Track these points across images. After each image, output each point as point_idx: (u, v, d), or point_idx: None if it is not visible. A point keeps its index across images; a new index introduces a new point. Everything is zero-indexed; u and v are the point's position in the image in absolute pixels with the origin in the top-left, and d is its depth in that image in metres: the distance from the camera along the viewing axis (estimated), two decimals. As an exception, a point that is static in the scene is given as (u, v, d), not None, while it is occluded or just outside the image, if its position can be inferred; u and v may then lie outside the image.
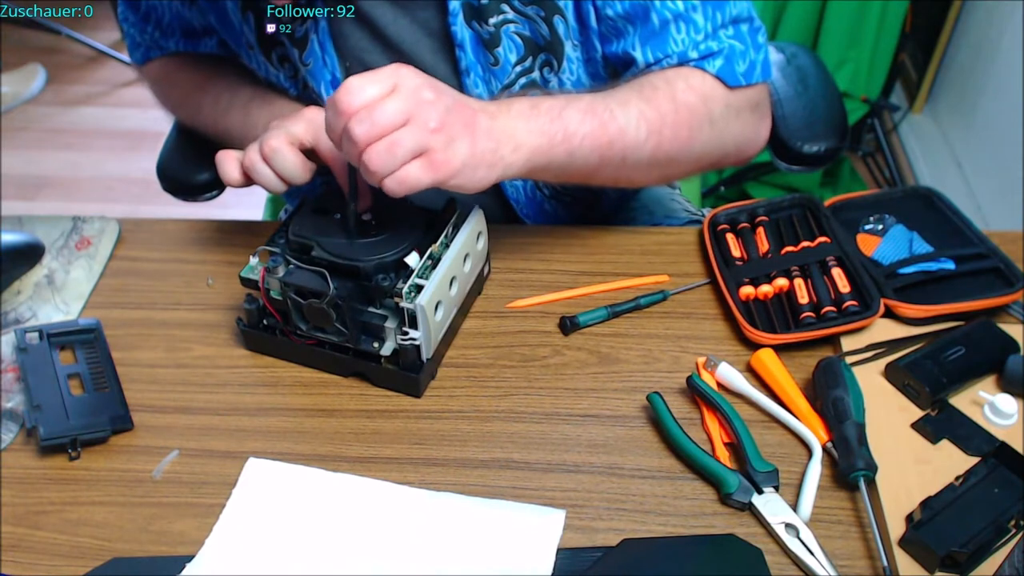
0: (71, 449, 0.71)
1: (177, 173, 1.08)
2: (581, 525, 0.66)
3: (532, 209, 0.97)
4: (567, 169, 0.78)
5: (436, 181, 0.68)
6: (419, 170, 0.67)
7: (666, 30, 0.81)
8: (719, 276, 0.82)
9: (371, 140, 0.65)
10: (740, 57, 0.82)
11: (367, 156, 0.66)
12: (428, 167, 0.67)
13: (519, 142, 0.72)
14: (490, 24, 0.82)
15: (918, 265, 0.81)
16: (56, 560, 0.65)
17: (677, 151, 0.81)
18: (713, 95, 0.82)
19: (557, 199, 0.99)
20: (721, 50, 0.81)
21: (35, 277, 0.87)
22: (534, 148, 0.73)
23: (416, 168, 0.67)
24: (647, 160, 0.80)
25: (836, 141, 1.03)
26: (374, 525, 0.65)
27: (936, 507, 0.62)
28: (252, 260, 0.77)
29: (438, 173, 0.68)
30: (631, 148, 0.78)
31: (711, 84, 0.81)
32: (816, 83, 1.09)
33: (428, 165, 0.67)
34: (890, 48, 2.06)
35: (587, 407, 0.74)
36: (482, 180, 0.71)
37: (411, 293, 0.71)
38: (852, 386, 0.70)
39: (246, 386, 0.77)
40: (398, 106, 0.66)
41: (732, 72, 0.82)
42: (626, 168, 0.81)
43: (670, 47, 0.81)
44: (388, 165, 0.66)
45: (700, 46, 0.81)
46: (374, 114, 0.65)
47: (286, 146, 0.76)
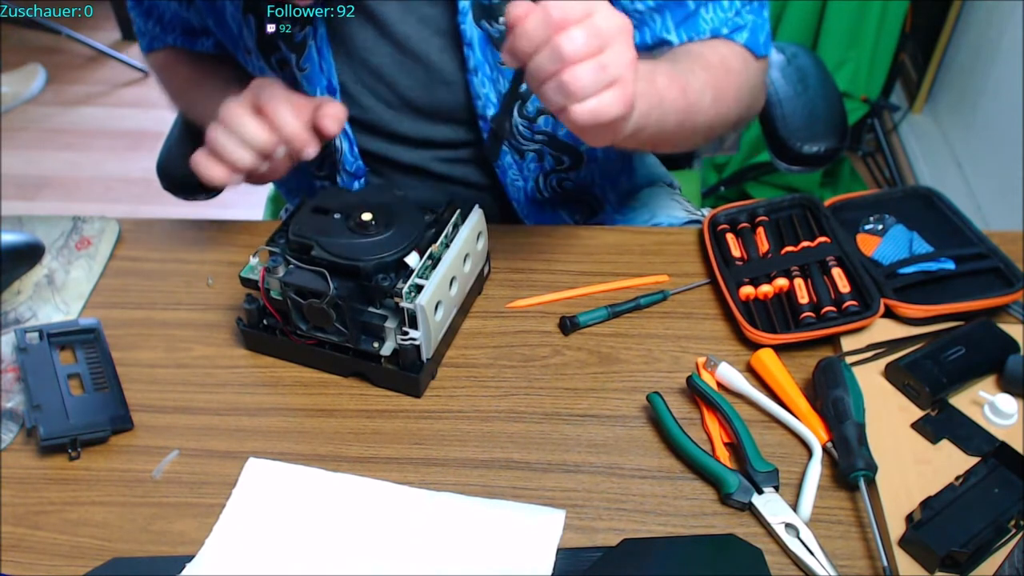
0: (71, 449, 0.71)
1: (177, 172, 1.08)
2: (581, 525, 0.66)
3: (532, 210, 0.97)
4: (654, 132, 0.75)
5: (622, 115, 0.64)
6: (613, 100, 0.62)
7: (697, 12, 0.84)
8: (719, 276, 0.82)
9: (579, 58, 0.60)
10: (760, 29, 0.87)
11: (571, 75, 0.60)
12: (621, 98, 0.63)
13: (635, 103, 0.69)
14: (500, 23, 0.82)
15: (918, 265, 0.81)
16: (56, 560, 0.65)
17: (729, 114, 0.85)
18: (748, 64, 0.86)
19: (558, 201, 0.99)
20: (746, 24, 0.85)
21: (35, 277, 0.87)
22: (641, 112, 0.70)
23: (610, 97, 0.62)
24: (708, 124, 0.82)
25: (836, 141, 1.03)
26: (374, 525, 0.65)
27: (936, 507, 0.62)
28: (252, 260, 0.77)
29: (627, 107, 0.64)
30: (700, 113, 0.80)
31: (745, 54, 0.86)
32: (816, 83, 1.09)
33: (622, 96, 0.63)
34: (890, 48, 2.06)
35: (587, 407, 0.74)
36: (621, 135, 0.68)
37: (411, 293, 0.71)
38: (852, 386, 0.70)
39: (246, 386, 0.77)
40: (607, 24, 0.61)
41: (757, 43, 0.86)
42: (691, 131, 0.81)
43: (701, 26, 0.84)
44: (590, 87, 0.61)
45: (730, 22, 0.85)
46: (586, 29, 0.60)
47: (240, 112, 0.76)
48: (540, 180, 0.96)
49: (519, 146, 0.91)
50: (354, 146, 0.93)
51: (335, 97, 0.89)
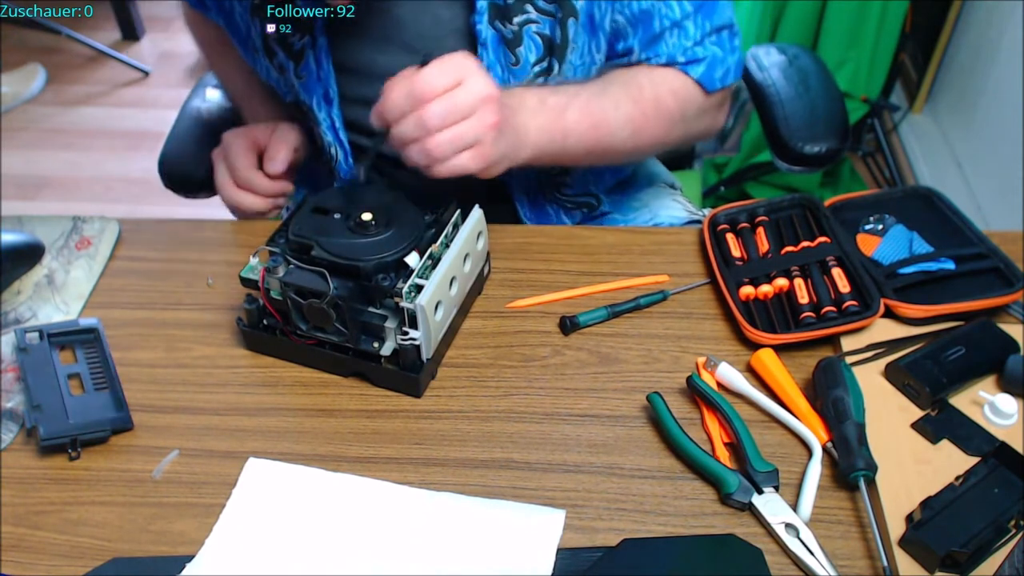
0: (71, 449, 0.71)
1: (178, 169, 1.08)
2: (581, 525, 0.66)
3: (534, 211, 0.98)
4: (559, 160, 0.86)
5: (478, 170, 0.74)
6: (469, 159, 0.73)
7: (662, 35, 0.87)
8: (719, 276, 0.82)
9: (439, 129, 0.70)
10: (719, 64, 0.89)
11: (431, 143, 0.71)
12: (477, 158, 0.73)
13: (528, 140, 0.80)
14: (514, 23, 0.83)
15: (918, 265, 0.81)
16: (56, 560, 0.65)
17: (650, 145, 0.92)
18: (691, 99, 0.90)
19: (559, 204, 0.99)
20: (705, 57, 0.88)
21: (35, 277, 0.87)
22: (538, 145, 0.81)
23: (467, 158, 0.73)
24: (627, 152, 0.90)
25: (837, 142, 1.03)
26: (374, 525, 0.65)
27: (936, 507, 0.62)
28: (252, 260, 0.77)
29: (483, 163, 0.74)
30: (616, 144, 0.87)
31: (691, 89, 0.90)
32: (817, 84, 1.09)
33: (478, 156, 0.73)
34: (890, 48, 2.06)
35: (587, 407, 0.74)
36: (501, 170, 0.78)
37: (411, 293, 0.71)
38: (852, 386, 0.70)
39: (246, 386, 0.77)
40: (468, 100, 0.71)
41: (711, 78, 0.89)
42: (606, 157, 0.91)
43: (662, 49, 0.87)
44: (446, 154, 0.72)
45: (688, 51, 0.87)
46: (446, 106, 0.70)
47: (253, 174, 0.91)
48: (541, 181, 0.97)
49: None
50: (349, 156, 0.94)
51: (332, 106, 0.91)
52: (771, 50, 1.16)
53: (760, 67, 1.13)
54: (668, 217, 1.03)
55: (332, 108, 0.91)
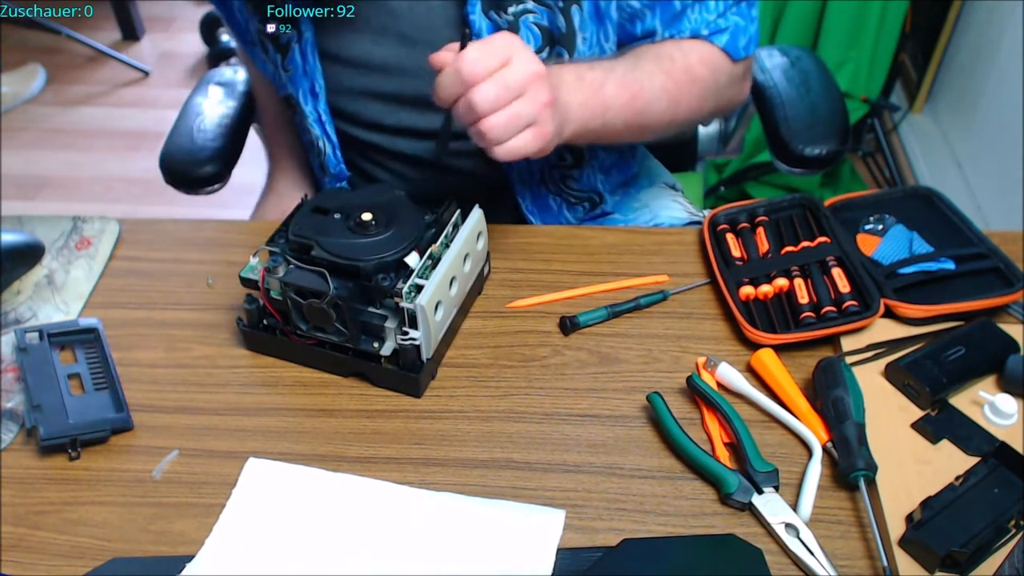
0: (71, 449, 0.71)
1: (180, 166, 1.09)
2: (581, 525, 0.66)
3: (537, 204, 0.98)
4: (600, 135, 0.84)
5: (538, 151, 0.74)
6: (528, 140, 0.72)
7: (684, 12, 0.87)
8: (719, 276, 0.82)
9: (491, 110, 0.69)
10: (742, 32, 0.90)
11: (487, 125, 0.70)
12: (536, 138, 0.72)
13: (571, 116, 0.79)
14: (509, 13, 0.83)
15: (918, 265, 0.81)
16: (56, 560, 0.65)
17: (687, 115, 0.90)
18: (720, 67, 0.90)
19: (563, 197, 0.99)
20: (728, 27, 0.88)
21: (35, 277, 0.87)
22: (580, 122, 0.80)
23: (526, 138, 0.72)
24: (664, 125, 0.89)
25: (837, 144, 1.04)
26: (374, 525, 0.65)
27: (936, 507, 0.62)
28: (252, 260, 0.77)
29: (543, 144, 0.73)
30: (653, 116, 0.86)
31: (719, 57, 0.90)
32: (819, 86, 1.09)
33: (536, 136, 0.72)
34: (890, 48, 2.06)
35: (587, 407, 0.74)
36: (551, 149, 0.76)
37: (411, 293, 0.71)
38: (852, 386, 0.70)
39: (246, 386, 0.77)
40: (517, 77, 0.70)
41: (736, 47, 0.90)
42: (645, 132, 0.89)
43: (685, 25, 0.88)
44: (504, 135, 0.71)
45: (711, 24, 0.88)
46: (496, 86, 0.69)
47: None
48: (546, 174, 0.97)
49: None
50: (337, 150, 0.94)
51: (319, 100, 0.91)
52: (773, 52, 1.16)
53: (762, 68, 1.13)
54: (668, 217, 1.03)
55: (319, 102, 0.91)
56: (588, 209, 1.03)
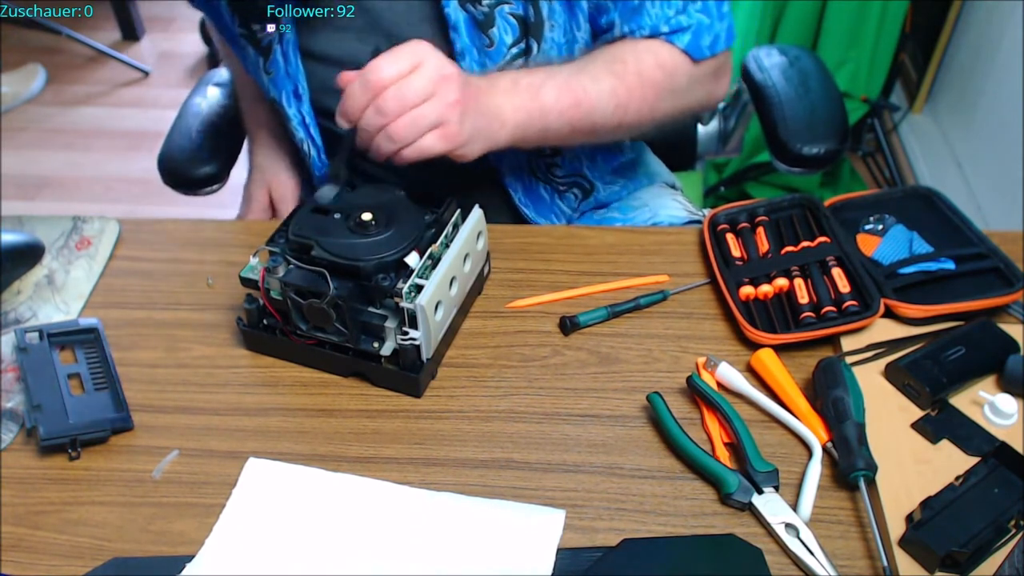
0: (71, 449, 0.71)
1: (178, 166, 1.08)
2: (581, 525, 0.66)
3: (528, 195, 0.97)
4: (543, 139, 0.86)
5: (447, 151, 0.75)
6: (435, 140, 0.74)
7: (643, 6, 0.85)
8: (719, 276, 0.82)
9: (399, 114, 0.71)
10: (707, 31, 0.87)
11: (393, 128, 0.72)
12: (443, 138, 0.74)
13: (504, 119, 0.79)
14: (484, 5, 0.83)
15: (918, 265, 0.81)
16: (56, 560, 0.65)
17: (640, 119, 0.89)
18: (678, 69, 0.88)
19: (552, 186, 0.99)
20: (690, 25, 0.86)
21: (35, 277, 0.87)
22: (516, 124, 0.81)
23: (432, 138, 0.74)
24: (613, 127, 0.88)
25: (836, 143, 1.03)
26: (374, 525, 0.65)
27: (936, 507, 0.62)
28: (252, 260, 0.77)
29: (451, 144, 0.75)
30: (600, 120, 0.86)
31: (678, 58, 0.87)
32: (818, 86, 1.09)
33: (443, 136, 0.74)
34: (890, 48, 2.06)
35: (587, 407, 0.74)
36: (477, 152, 0.78)
37: (411, 293, 0.71)
38: (852, 386, 0.70)
39: (246, 386, 0.77)
40: (423, 83, 0.72)
41: (698, 46, 0.87)
42: (594, 135, 0.89)
43: (644, 21, 0.86)
44: (410, 136, 0.73)
45: (671, 21, 0.86)
46: (402, 90, 0.71)
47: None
48: (532, 163, 0.97)
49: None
50: (322, 153, 0.94)
51: (302, 102, 0.91)
52: (772, 51, 1.16)
53: (760, 68, 1.13)
54: (668, 216, 1.03)
55: (302, 104, 0.91)
56: (580, 198, 1.02)
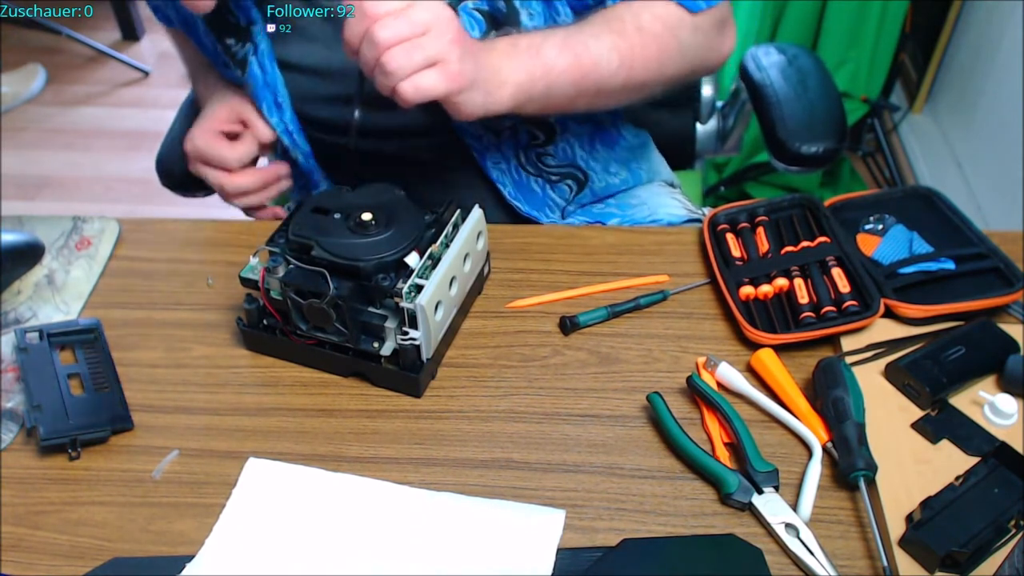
0: (71, 449, 0.71)
1: (175, 168, 1.08)
2: (581, 525, 0.66)
3: (520, 192, 0.97)
4: (547, 101, 0.82)
5: (448, 91, 0.72)
6: (435, 77, 0.71)
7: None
8: (719, 276, 0.82)
9: (393, 43, 0.69)
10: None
11: (387, 57, 0.69)
12: (443, 75, 0.71)
13: (504, 79, 0.77)
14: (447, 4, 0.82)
15: (918, 265, 0.81)
16: (56, 560, 0.65)
17: (647, 77, 0.87)
18: (679, 22, 0.87)
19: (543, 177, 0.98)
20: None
21: (35, 277, 0.87)
22: (518, 84, 0.78)
23: (432, 75, 0.71)
24: (620, 87, 0.86)
25: (834, 142, 1.03)
26: (374, 525, 0.65)
27: (936, 507, 0.62)
28: (252, 260, 0.77)
29: (451, 83, 0.72)
30: (605, 78, 0.83)
31: (675, 11, 0.86)
32: (816, 84, 1.09)
33: (443, 74, 0.71)
34: (890, 48, 2.06)
35: (587, 407, 0.74)
36: (479, 106, 0.76)
37: (411, 293, 0.71)
38: (852, 386, 0.70)
39: (246, 386, 0.77)
40: (421, 15, 0.70)
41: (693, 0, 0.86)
42: (601, 96, 0.86)
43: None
44: (406, 67, 0.70)
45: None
46: (399, 19, 0.69)
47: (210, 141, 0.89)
48: (521, 157, 0.96)
49: (493, 125, 0.91)
50: (310, 157, 0.94)
51: (283, 111, 0.91)
52: (770, 50, 1.15)
53: (759, 67, 1.13)
54: (667, 215, 1.03)
55: (283, 113, 0.91)
56: (575, 190, 1.01)
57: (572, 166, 1.00)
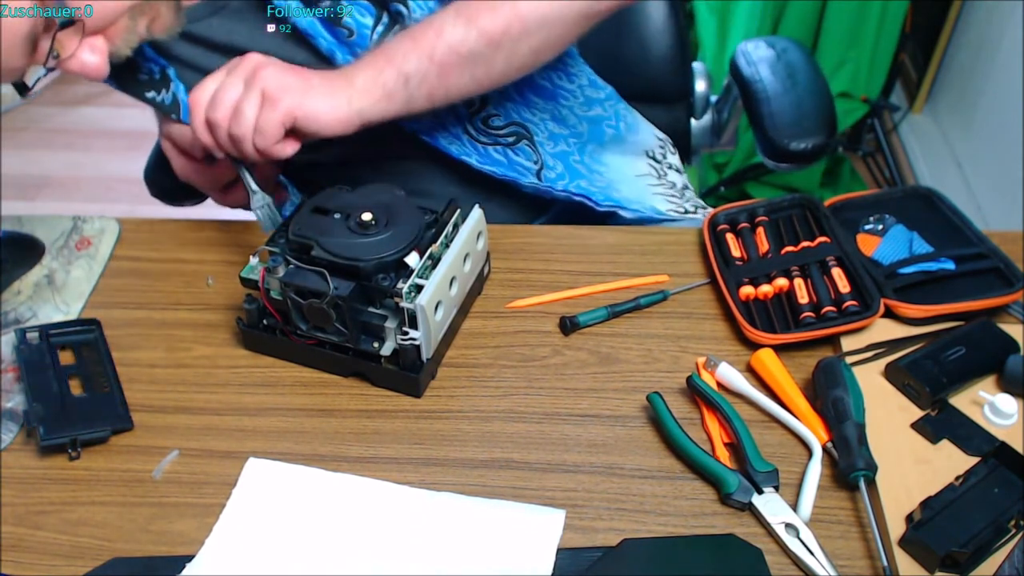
0: (71, 449, 0.71)
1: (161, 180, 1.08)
2: (581, 525, 0.66)
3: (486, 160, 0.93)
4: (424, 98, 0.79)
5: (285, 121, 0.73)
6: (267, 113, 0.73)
7: None
8: (719, 276, 0.82)
9: (227, 116, 0.74)
10: None
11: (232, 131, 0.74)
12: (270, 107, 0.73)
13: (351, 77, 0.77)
14: (323, 4, 0.83)
15: (918, 265, 0.81)
16: (56, 560, 0.65)
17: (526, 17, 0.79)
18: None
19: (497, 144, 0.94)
20: None
21: (35, 277, 0.87)
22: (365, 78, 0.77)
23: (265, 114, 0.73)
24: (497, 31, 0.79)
25: (823, 137, 1.02)
26: (374, 525, 0.65)
27: (936, 507, 0.62)
28: (252, 260, 0.77)
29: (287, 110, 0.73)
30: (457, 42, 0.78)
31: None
32: (805, 79, 1.07)
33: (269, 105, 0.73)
34: (890, 48, 2.06)
35: (587, 407, 0.74)
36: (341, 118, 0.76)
37: (411, 293, 0.71)
38: (852, 386, 0.70)
39: (246, 386, 0.77)
40: (233, 81, 0.74)
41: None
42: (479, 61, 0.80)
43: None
44: (244, 127, 0.73)
45: None
46: (218, 97, 0.74)
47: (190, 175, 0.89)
48: (470, 129, 0.93)
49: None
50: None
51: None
52: (760, 44, 1.13)
53: (748, 62, 1.12)
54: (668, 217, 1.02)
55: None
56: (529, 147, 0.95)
57: (516, 124, 0.96)
